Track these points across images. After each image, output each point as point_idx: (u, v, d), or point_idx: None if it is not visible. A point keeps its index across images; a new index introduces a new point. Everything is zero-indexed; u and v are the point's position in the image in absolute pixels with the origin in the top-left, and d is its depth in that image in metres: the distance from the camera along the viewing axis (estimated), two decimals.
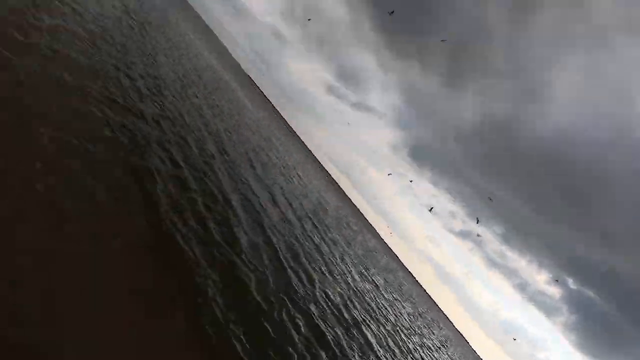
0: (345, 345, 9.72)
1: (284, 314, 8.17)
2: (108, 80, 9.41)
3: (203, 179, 10.18)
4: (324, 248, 18.25)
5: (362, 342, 11.23)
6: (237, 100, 39.51)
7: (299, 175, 38.02)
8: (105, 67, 10.00)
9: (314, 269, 13.20)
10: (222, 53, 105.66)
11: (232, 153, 15.85)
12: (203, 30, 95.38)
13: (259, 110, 65.03)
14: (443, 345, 31.29)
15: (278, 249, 11.26)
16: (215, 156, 12.98)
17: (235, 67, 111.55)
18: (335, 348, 9.04)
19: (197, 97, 18.58)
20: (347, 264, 21.01)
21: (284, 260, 10.83)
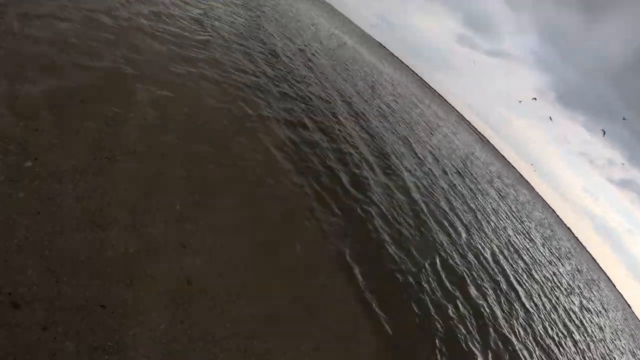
0: (493, 300, 9.04)
1: (427, 268, 7.81)
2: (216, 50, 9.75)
3: (334, 132, 10.28)
4: (473, 201, 17.18)
5: (514, 298, 10.35)
6: (364, 61, 38.92)
7: (442, 129, 36.45)
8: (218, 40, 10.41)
9: (461, 221, 12.51)
10: (344, 21, 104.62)
11: (366, 110, 15.68)
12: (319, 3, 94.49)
13: (392, 69, 63.28)
14: (604, 309, 27.86)
15: (419, 199, 10.83)
16: (344, 109, 13.13)
17: (359, 33, 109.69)
18: (482, 304, 8.44)
19: (319, 58, 18.66)
20: (498, 216, 19.56)
21: (426, 212, 10.36)
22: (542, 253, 21.89)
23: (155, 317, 3.25)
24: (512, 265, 13.06)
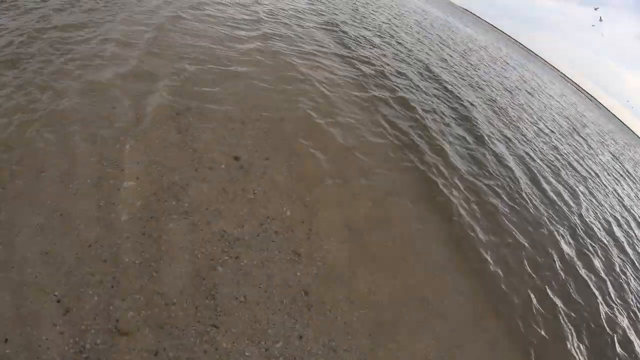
0: (609, 279, 7.48)
1: (544, 232, 6.78)
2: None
3: (414, 100, 9.28)
4: (583, 165, 14.99)
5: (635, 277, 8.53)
6: (449, 27, 36.38)
7: (543, 90, 33.05)
8: None
9: (570, 188, 10.61)
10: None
11: (455, 78, 14.36)
12: None
13: (482, 34, 58.47)
14: None
15: (519, 168, 9.33)
16: (427, 78, 11.99)
17: (449, 6, 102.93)
18: (595, 286, 7.02)
19: (395, 29, 17.43)
20: (614, 180, 16.88)
21: (529, 182, 8.80)
22: None
23: (272, 334, 2.94)
24: (631, 237, 10.89)
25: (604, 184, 14.46)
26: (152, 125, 4.16)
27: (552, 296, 5.36)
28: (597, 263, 7.36)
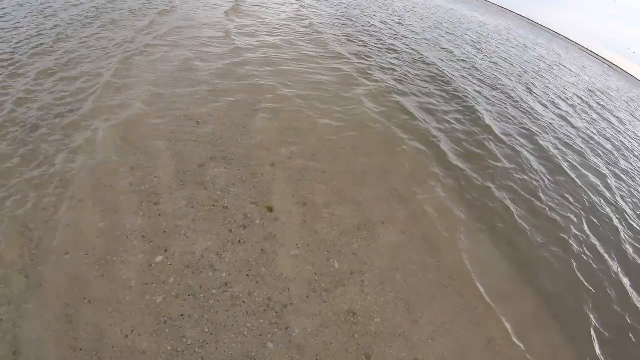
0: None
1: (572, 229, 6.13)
2: None
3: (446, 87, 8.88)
4: (612, 139, 14.01)
5: None
6: (459, 16, 35.63)
7: (564, 67, 32.00)
8: None
9: (598, 169, 9.84)
10: None
11: (457, 64, 13.86)
12: None
13: (493, 18, 57.32)
14: None
15: (542, 152, 8.52)
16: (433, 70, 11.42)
17: None
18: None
19: (405, 25, 16.92)
20: None
21: (558, 163, 8.15)
22: None
23: None
24: None
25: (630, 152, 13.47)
26: (174, 184, 3.89)
27: (587, 312, 4.77)
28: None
